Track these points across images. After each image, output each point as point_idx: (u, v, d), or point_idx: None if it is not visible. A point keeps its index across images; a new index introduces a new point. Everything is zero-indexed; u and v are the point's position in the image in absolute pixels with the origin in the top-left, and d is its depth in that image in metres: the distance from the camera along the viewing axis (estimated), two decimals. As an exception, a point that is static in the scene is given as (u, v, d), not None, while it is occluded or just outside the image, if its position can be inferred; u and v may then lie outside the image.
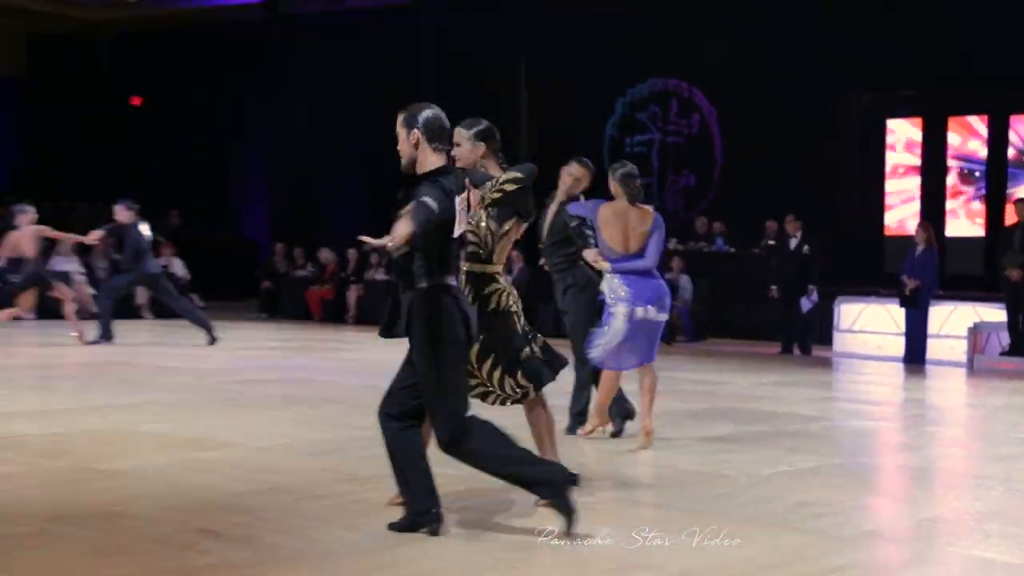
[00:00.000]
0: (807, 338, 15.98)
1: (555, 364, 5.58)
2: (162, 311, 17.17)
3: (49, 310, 18.51)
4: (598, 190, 7.67)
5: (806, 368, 13.87)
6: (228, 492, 5.54)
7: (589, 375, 7.76)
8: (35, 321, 16.86)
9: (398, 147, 4.83)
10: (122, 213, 13.83)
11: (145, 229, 13.86)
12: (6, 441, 6.88)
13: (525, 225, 5.57)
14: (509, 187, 5.38)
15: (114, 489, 5.56)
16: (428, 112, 4.81)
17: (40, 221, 13.65)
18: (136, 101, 26.83)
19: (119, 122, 26.26)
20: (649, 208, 7.27)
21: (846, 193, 19.27)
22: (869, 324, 16.03)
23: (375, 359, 13.00)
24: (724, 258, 18.73)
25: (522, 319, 5.52)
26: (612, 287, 7.17)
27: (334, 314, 19.43)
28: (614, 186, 7.20)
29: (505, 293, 5.43)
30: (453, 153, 5.26)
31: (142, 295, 18.85)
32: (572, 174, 7.63)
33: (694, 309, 17.86)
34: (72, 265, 19.10)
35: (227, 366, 11.93)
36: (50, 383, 9.89)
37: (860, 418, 9.41)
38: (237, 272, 23.63)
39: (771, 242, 17.04)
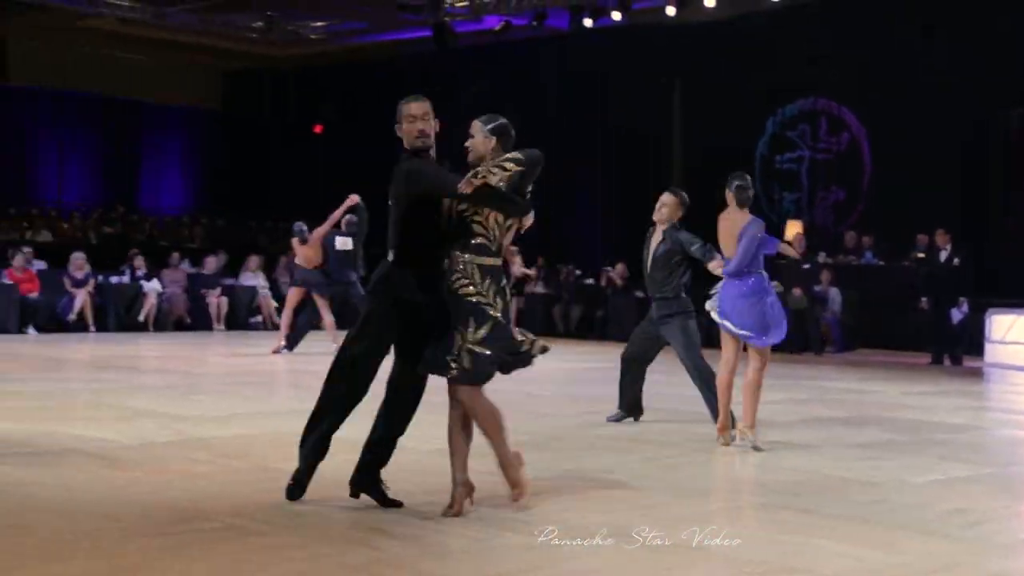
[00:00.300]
0: (957, 349, 15.38)
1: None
2: (342, 321, 17.48)
3: (240, 321, 19.11)
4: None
5: (956, 378, 13.33)
6: (398, 493, 5.58)
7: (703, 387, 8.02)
8: (226, 332, 17.44)
9: (468, 143, 5.22)
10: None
11: (345, 242, 14.17)
12: (197, 443, 7.09)
13: (530, 219, 5.29)
14: (509, 165, 5.07)
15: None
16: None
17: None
18: (318, 129, 27.54)
19: (302, 148, 26.99)
20: (747, 213, 7.25)
21: (997, 205, 18.52)
22: (1022, 336, 15.33)
23: (535, 368, 13.00)
24: (873, 270, 18.22)
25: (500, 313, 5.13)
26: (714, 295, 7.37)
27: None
28: (728, 196, 7.28)
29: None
30: (467, 144, 5.29)
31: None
32: (663, 202, 8.13)
33: (843, 320, 17.39)
34: (259, 280, 19.68)
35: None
36: (238, 390, 10.18)
37: (1013, 428, 8.98)
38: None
39: (921, 254, 16.52)
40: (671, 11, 19.09)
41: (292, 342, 13.97)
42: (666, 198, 8.30)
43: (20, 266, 17.27)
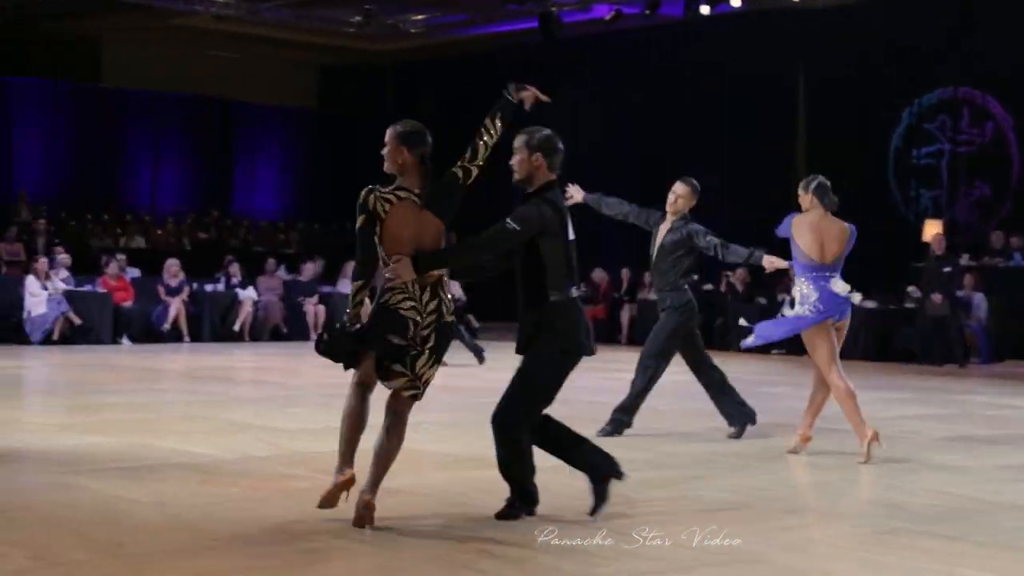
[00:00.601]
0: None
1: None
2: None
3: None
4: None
5: (1117, 392, 12.87)
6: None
7: (645, 383, 8.39)
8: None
9: (512, 162, 5.40)
10: None
11: None
12: (294, 457, 7.18)
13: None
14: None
15: (394, 507, 5.69)
16: (548, 134, 5.41)
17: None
18: (417, 128, 27.80)
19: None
20: (845, 224, 7.62)
21: None
22: None
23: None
24: (1022, 274, 17.70)
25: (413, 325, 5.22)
26: (804, 294, 7.65)
27: (607, 334, 19.48)
28: (808, 199, 7.60)
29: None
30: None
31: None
32: (677, 192, 8.36)
33: (989, 328, 16.91)
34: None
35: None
36: (333, 402, 10.29)
37: None
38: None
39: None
40: (795, -5, 18.85)
41: None
42: (680, 188, 8.45)
43: (114, 274, 17.74)
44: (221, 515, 5.45)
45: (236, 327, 18.35)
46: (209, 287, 18.75)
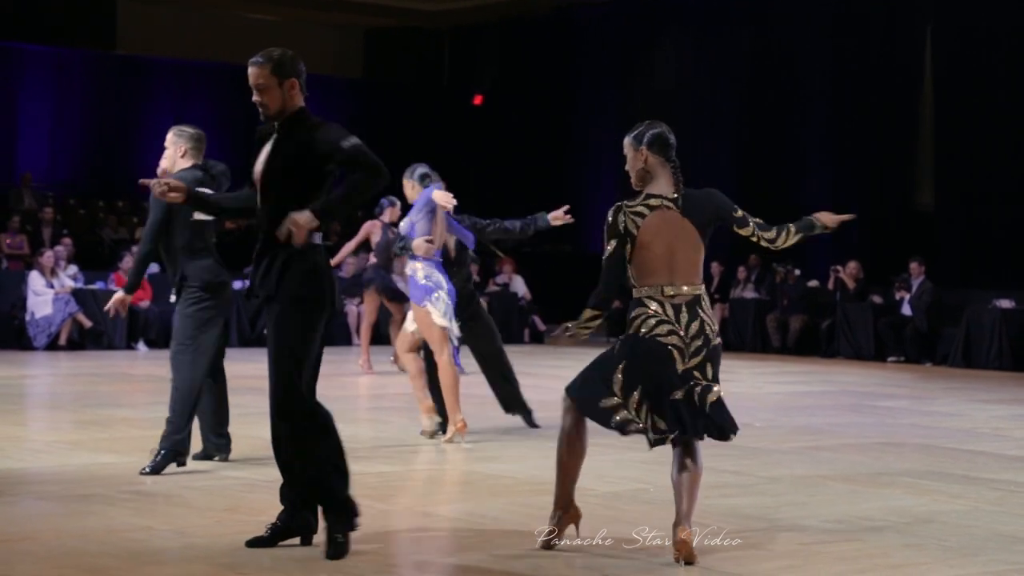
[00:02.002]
0: None
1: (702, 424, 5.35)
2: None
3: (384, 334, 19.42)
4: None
5: None
6: (572, 547, 5.58)
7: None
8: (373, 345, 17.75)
9: (628, 167, 5.57)
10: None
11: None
12: (333, 479, 7.23)
13: None
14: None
15: (466, 537, 5.74)
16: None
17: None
18: (478, 100, 27.84)
19: (458, 124, 27.30)
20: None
21: None
22: None
23: (743, 391, 12.85)
24: None
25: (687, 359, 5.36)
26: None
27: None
28: (410, 185, 9.22)
29: (648, 319, 5.40)
30: (627, 168, 5.59)
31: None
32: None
33: None
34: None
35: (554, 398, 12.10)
36: (380, 415, 10.35)
37: None
38: (584, 291, 23.99)
39: None
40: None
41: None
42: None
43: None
44: (250, 550, 5.50)
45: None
46: (238, 284, 18.86)
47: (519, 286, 20.36)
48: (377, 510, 6.35)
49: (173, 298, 7.49)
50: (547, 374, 14.23)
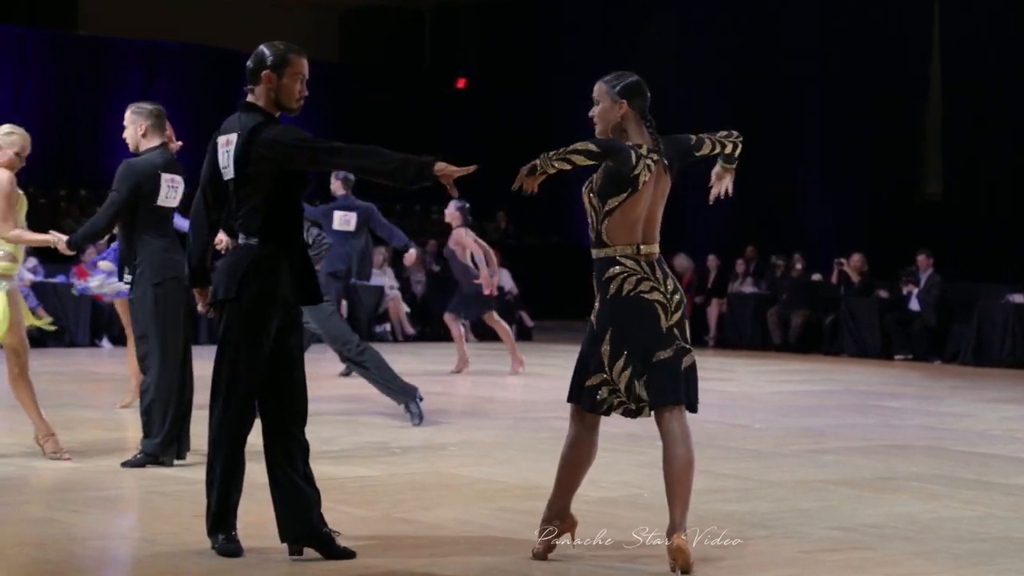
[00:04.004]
0: None
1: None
2: (484, 332, 17.64)
3: (363, 329, 19.37)
4: None
5: None
6: (566, 554, 5.58)
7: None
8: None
9: (593, 112, 5.47)
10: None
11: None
12: (309, 484, 7.22)
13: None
14: (577, 158, 5.29)
15: (438, 544, 5.73)
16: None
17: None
18: (461, 84, 27.83)
19: (440, 109, 27.29)
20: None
21: None
22: None
23: (742, 391, 12.87)
24: None
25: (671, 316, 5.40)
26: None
27: (692, 334, 19.39)
28: None
29: (629, 277, 5.35)
30: (591, 112, 5.51)
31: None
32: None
33: None
34: (386, 278, 20.01)
35: (558, 398, 12.08)
36: (358, 419, 10.34)
37: None
38: (574, 285, 24.00)
39: None
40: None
41: None
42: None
43: (91, 261, 17.89)
44: (222, 560, 5.49)
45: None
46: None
47: (506, 280, 20.32)
48: (354, 516, 6.34)
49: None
50: (535, 372, 14.23)
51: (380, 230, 13.21)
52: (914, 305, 17.98)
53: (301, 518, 5.42)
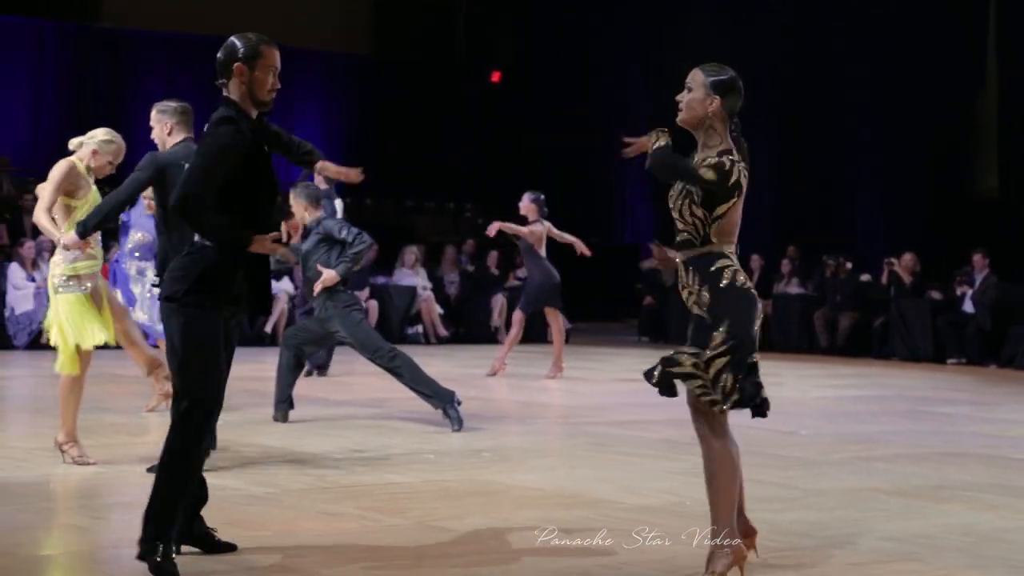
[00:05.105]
0: None
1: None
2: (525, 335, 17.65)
3: (395, 331, 19.43)
4: None
5: None
6: (606, 563, 5.59)
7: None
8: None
9: (681, 98, 5.35)
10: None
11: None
12: (340, 491, 7.25)
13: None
14: (710, 175, 5.20)
15: (468, 555, 5.74)
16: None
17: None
18: (495, 77, 27.84)
19: (474, 103, 27.31)
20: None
21: None
22: None
23: (788, 396, 12.83)
24: None
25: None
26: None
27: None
28: None
29: (738, 271, 5.31)
30: (679, 98, 5.40)
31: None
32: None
33: None
34: (419, 278, 20.03)
35: (596, 402, 12.13)
36: (388, 422, 10.37)
37: None
38: (613, 285, 24.01)
39: None
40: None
41: None
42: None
43: (114, 259, 18.01)
44: (248, 563, 5.52)
45: (268, 327, 18.53)
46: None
47: (418, 278, 20.26)
48: (385, 524, 6.36)
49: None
50: (574, 376, 14.23)
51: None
52: (968, 307, 17.88)
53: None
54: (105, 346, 8.13)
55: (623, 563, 5.61)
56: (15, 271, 17.08)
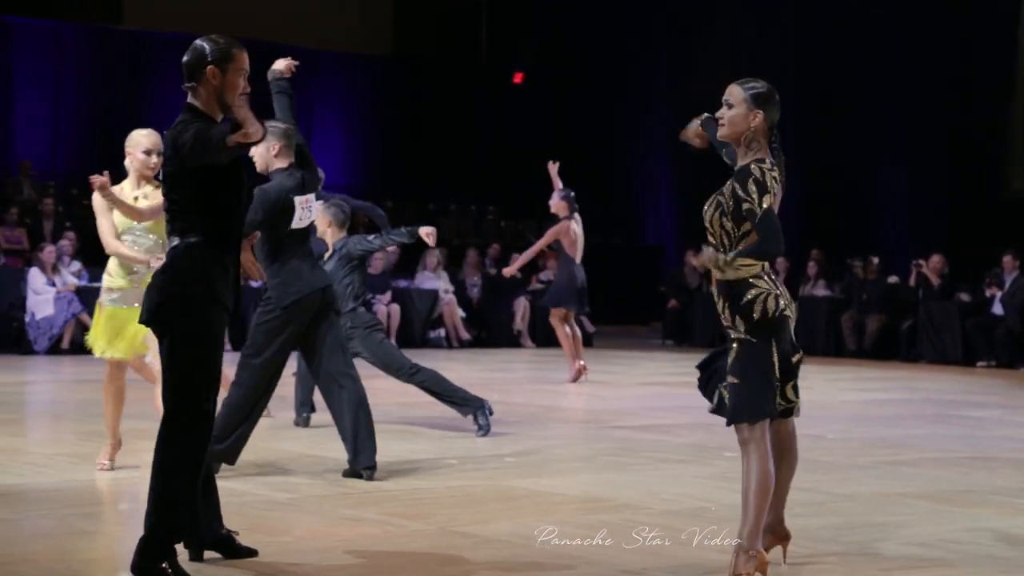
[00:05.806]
0: None
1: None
2: (548, 338, 17.64)
3: (416, 335, 19.39)
4: None
5: None
6: (628, 567, 5.58)
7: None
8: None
9: (721, 115, 5.39)
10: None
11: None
12: (363, 496, 7.26)
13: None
14: (767, 200, 5.24)
15: (492, 562, 5.74)
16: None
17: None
18: (518, 78, 27.85)
19: (497, 104, 27.31)
20: None
21: None
22: None
23: (814, 400, 12.80)
24: None
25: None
26: None
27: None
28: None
29: (770, 297, 5.32)
30: (718, 114, 5.45)
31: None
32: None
33: None
34: (440, 282, 20.05)
35: (621, 407, 12.13)
36: (411, 427, 10.38)
37: None
38: (637, 288, 23.99)
39: None
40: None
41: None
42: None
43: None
44: (270, 570, 5.52)
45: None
46: (255, 282, 18.96)
47: (439, 281, 20.25)
48: (409, 530, 6.36)
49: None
50: (597, 380, 14.22)
51: None
52: (998, 309, 17.81)
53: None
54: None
55: (644, 569, 5.61)
56: (35, 276, 17.13)
